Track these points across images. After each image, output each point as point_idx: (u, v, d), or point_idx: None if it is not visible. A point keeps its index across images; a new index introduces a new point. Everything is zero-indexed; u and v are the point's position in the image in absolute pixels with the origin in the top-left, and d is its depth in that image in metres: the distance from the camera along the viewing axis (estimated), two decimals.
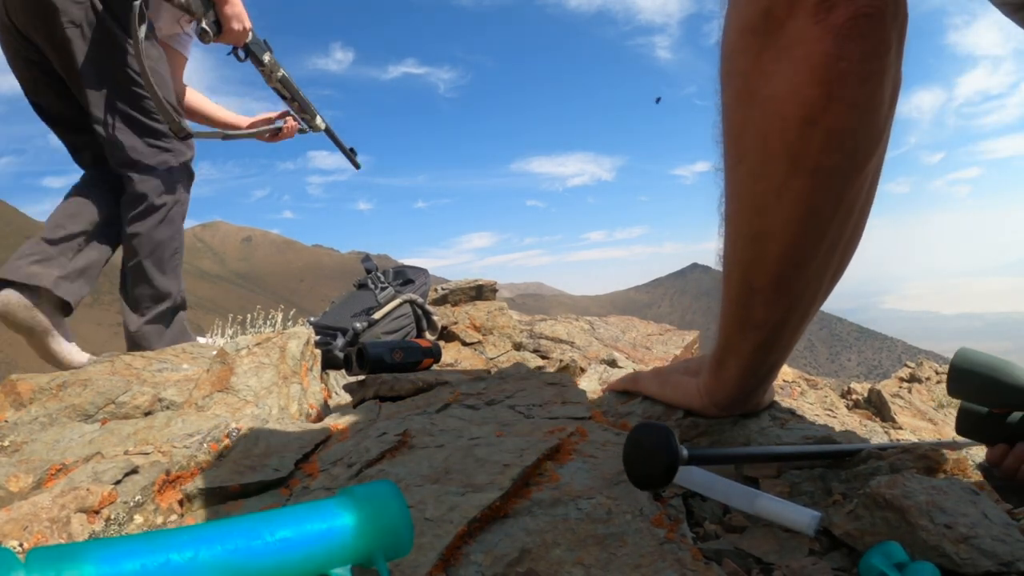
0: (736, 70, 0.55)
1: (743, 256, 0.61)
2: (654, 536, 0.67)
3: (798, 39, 0.49)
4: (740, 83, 0.54)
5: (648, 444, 0.67)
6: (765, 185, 0.55)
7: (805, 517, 0.69)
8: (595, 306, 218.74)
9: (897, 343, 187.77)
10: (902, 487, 0.65)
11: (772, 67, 0.51)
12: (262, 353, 1.25)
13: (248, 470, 0.85)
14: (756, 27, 0.52)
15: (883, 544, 0.61)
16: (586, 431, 0.94)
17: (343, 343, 1.75)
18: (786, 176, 0.53)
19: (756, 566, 0.65)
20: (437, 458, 0.83)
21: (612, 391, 1.09)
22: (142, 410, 1.13)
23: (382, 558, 0.56)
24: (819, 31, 0.48)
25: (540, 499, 0.73)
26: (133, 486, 0.81)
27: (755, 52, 0.52)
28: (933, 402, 2.70)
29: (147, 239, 1.70)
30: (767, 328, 0.65)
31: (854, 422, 1.26)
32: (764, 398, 0.88)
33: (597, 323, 2.41)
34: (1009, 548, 0.58)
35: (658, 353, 2.11)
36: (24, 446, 0.99)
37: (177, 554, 0.46)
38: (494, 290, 2.36)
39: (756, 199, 0.57)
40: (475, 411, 1.05)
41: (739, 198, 0.59)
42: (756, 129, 0.54)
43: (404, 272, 2.19)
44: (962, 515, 0.62)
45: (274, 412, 1.13)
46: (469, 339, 1.98)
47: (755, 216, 0.58)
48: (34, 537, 0.67)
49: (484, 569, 0.61)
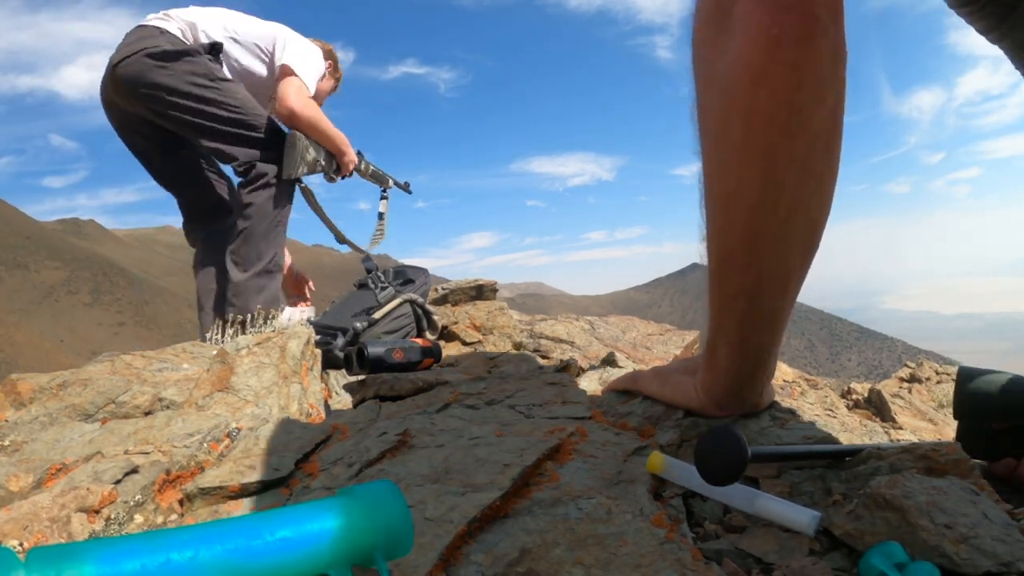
0: (700, 57, 0.64)
1: (715, 224, 0.67)
2: (654, 536, 0.67)
3: (741, 18, 0.59)
4: (703, 68, 0.64)
5: (723, 444, 0.73)
6: (726, 148, 0.63)
7: (805, 517, 0.69)
8: (595, 306, 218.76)
9: (897, 343, 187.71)
10: (902, 487, 0.65)
11: (725, 46, 0.60)
12: (262, 353, 1.25)
13: (248, 470, 0.85)
14: (711, 17, 0.62)
15: (883, 544, 0.61)
16: (586, 431, 0.94)
17: (343, 343, 1.75)
18: (742, 136, 0.60)
19: (756, 566, 0.65)
20: (437, 458, 0.83)
21: (612, 391, 1.09)
22: (142, 410, 1.13)
23: (382, 558, 0.56)
24: (756, 7, 0.58)
25: (540, 499, 0.73)
26: (133, 486, 0.81)
27: (712, 38, 0.62)
28: (933, 402, 2.70)
29: (260, 209, 1.88)
30: (744, 297, 0.69)
31: (854, 422, 1.26)
32: (763, 398, 0.90)
33: (597, 323, 2.41)
34: (1009, 548, 0.58)
35: (658, 353, 2.11)
36: (24, 446, 0.99)
37: (177, 554, 0.46)
38: (494, 290, 2.36)
39: (720, 165, 0.64)
40: (475, 411, 1.05)
41: (707, 168, 0.66)
42: (716, 101, 0.62)
43: (404, 272, 2.19)
44: (962, 515, 0.62)
45: (274, 412, 1.13)
46: (469, 339, 1.99)
47: (720, 181, 0.65)
48: (34, 537, 0.67)
49: (484, 569, 0.61)
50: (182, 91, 1.75)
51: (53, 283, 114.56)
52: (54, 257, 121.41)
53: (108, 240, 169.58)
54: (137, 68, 1.73)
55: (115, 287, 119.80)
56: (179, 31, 1.83)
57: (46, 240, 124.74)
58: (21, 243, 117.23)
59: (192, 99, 1.77)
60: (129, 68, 1.74)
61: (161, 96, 1.75)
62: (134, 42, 1.77)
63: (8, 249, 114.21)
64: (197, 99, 1.77)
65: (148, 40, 1.76)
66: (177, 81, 1.74)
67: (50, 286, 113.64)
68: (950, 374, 3.37)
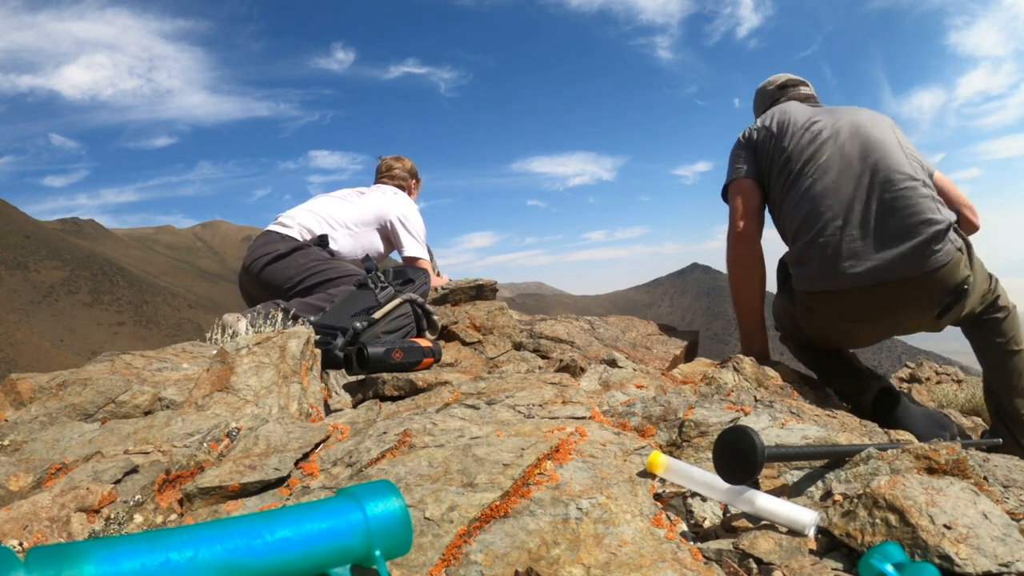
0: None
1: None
2: (654, 536, 0.67)
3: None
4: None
5: (741, 444, 0.78)
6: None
7: (805, 517, 0.69)
8: (595, 306, 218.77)
9: (897, 343, 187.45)
10: (902, 487, 0.65)
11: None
12: (262, 352, 1.25)
13: (248, 469, 0.85)
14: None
15: (883, 544, 0.61)
16: (586, 431, 0.94)
17: (343, 342, 1.75)
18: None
19: (756, 566, 0.65)
20: (437, 458, 0.83)
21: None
22: (142, 409, 1.13)
23: (382, 558, 0.56)
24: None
25: (540, 499, 0.73)
26: (133, 485, 0.81)
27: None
28: (933, 402, 2.70)
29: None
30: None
31: (854, 422, 1.26)
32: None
33: (597, 323, 2.41)
34: (1009, 548, 0.58)
35: (658, 353, 2.11)
36: (24, 445, 0.99)
37: (177, 553, 0.46)
38: (494, 290, 2.36)
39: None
40: (475, 411, 1.05)
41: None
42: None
43: (404, 272, 2.19)
44: (962, 515, 0.62)
45: (274, 411, 1.13)
46: (469, 339, 1.98)
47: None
48: (34, 536, 0.67)
49: (484, 569, 0.61)
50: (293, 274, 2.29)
51: (53, 283, 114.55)
52: (54, 257, 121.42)
53: (108, 240, 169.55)
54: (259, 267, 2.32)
55: (115, 287, 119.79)
56: (299, 235, 2.39)
57: (46, 240, 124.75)
58: (21, 243, 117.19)
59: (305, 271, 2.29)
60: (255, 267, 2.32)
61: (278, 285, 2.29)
62: (260, 247, 2.38)
63: (8, 249, 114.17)
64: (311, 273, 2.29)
65: (270, 246, 2.34)
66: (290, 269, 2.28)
67: (50, 286, 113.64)
68: (950, 374, 3.37)
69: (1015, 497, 0.80)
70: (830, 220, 1.64)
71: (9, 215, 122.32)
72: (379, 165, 2.92)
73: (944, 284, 1.58)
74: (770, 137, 1.91)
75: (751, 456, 0.75)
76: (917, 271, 1.54)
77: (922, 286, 1.57)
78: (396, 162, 2.89)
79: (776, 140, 1.88)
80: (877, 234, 1.58)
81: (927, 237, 1.54)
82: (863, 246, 1.58)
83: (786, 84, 2.16)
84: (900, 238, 1.56)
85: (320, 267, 2.27)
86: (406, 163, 2.90)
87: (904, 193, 1.59)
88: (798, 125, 1.86)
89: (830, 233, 1.63)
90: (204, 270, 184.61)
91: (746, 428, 0.78)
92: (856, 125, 1.77)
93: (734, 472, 0.76)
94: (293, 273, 2.26)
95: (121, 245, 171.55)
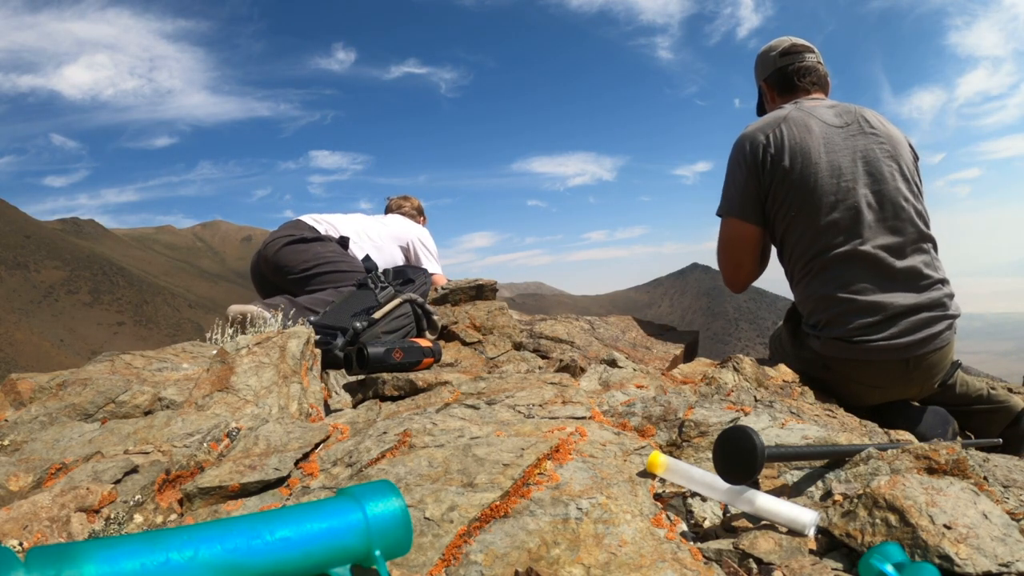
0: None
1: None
2: (654, 536, 0.67)
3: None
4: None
5: (741, 444, 0.79)
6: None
7: (805, 517, 0.69)
8: (595, 306, 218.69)
9: None
10: (902, 487, 0.65)
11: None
12: (262, 352, 1.25)
13: (248, 469, 0.85)
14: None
15: (883, 544, 0.61)
16: (586, 431, 0.94)
17: (343, 342, 1.74)
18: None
19: (756, 566, 0.65)
20: (437, 458, 0.83)
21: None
22: (142, 409, 1.13)
23: (382, 558, 0.56)
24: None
25: (540, 499, 0.73)
26: (133, 485, 0.81)
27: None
28: None
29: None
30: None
31: (854, 422, 1.26)
32: None
33: (597, 323, 2.41)
34: (1009, 548, 0.58)
35: (658, 353, 2.11)
36: (24, 445, 0.99)
37: (177, 553, 0.46)
38: (494, 289, 2.36)
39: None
40: (475, 411, 1.05)
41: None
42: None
43: (404, 271, 2.19)
44: (962, 515, 0.62)
45: (274, 411, 1.13)
46: (469, 339, 1.98)
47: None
48: (34, 536, 0.67)
49: (484, 569, 0.61)
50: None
51: (53, 283, 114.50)
52: (54, 257, 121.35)
53: (108, 240, 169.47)
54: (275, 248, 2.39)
55: (115, 287, 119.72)
56: (325, 231, 2.49)
57: (46, 240, 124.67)
58: (21, 243, 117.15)
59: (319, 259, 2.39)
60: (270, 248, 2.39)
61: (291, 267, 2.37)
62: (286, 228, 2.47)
63: (8, 249, 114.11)
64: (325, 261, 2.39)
65: (296, 229, 2.43)
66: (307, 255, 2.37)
67: (50, 286, 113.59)
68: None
69: (1015, 497, 0.80)
70: (858, 292, 1.58)
71: (9, 215, 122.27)
72: (388, 204, 3.15)
73: (948, 358, 1.66)
74: (777, 167, 1.71)
75: (751, 456, 0.75)
76: (935, 348, 1.59)
77: (937, 362, 1.63)
78: (404, 201, 3.12)
79: (786, 174, 1.69)
80: (900, 308, 1.57)
81: (944, 316, 1.60)
82: (887, 319, 1.57)
83: (790, 50, 1.95)
84: (925, 322, 1.57)
85: (335, 258, 2.37)
86: (413, 201, 3.14)
87: (921, 261, 1.62)
88: (811, 160, 1.67)
89: (858, 305, 1.58)
90: (204, 270, 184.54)
91: (746, 428, 0.78)
92: (878, 178, 1.65)
93: (734, 472, 0.76)
94: (309, 258, 2.35)
95: (121, 245, 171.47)
